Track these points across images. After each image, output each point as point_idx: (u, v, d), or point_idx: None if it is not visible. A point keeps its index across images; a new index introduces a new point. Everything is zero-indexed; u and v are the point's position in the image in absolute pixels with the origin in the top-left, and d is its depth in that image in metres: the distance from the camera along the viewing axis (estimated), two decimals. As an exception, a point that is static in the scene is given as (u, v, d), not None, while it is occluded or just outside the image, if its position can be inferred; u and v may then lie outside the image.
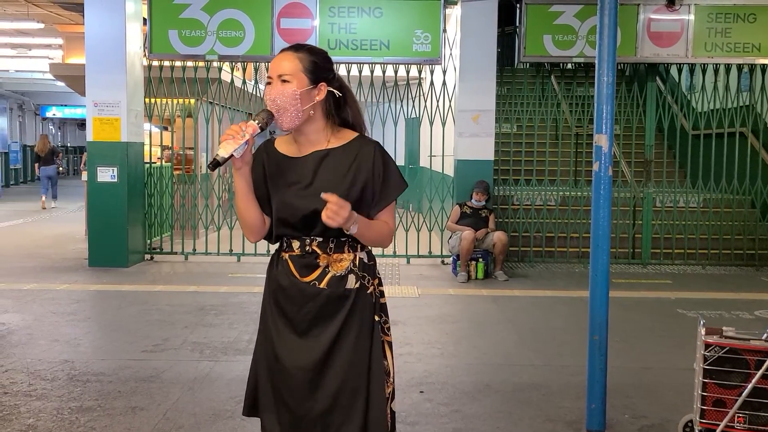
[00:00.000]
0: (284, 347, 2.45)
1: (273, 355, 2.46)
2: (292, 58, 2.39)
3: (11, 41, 18.63)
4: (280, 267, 2.47)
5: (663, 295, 7.83)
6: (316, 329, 2.43)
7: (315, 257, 2.43)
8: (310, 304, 2.43)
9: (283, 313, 2.46)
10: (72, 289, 7.64)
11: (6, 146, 25.79)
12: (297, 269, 2.43)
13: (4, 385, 4.62)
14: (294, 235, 2.43)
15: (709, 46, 9.35)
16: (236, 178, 2.39)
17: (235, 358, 5.30)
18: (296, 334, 2.44)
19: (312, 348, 2.42)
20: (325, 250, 2.42)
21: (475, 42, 9.15)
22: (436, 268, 9.34)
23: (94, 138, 8.99)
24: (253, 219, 2.45)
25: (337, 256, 2.43)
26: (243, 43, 9.13)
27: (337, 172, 2.40)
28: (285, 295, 2.45)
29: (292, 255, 2.44)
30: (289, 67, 2.38)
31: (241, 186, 2.40)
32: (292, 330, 2.45)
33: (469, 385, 4.82)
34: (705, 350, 3.56)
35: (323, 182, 2.38)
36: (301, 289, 2.43)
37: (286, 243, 2.46)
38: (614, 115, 4.02)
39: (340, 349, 2.42)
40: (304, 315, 2.43)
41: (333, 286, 2.43)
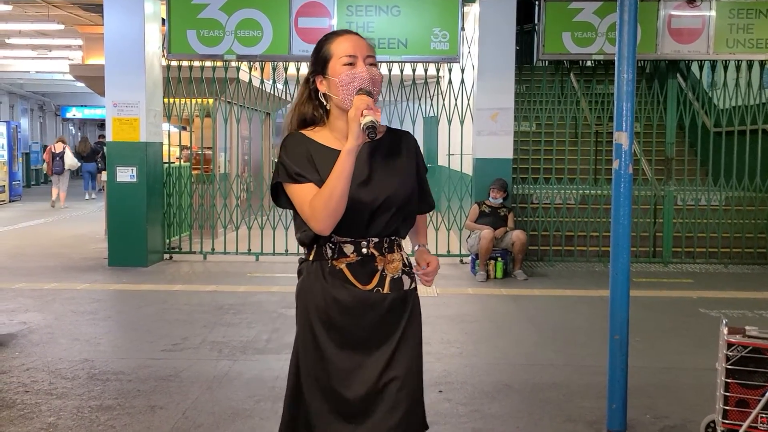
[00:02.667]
0: (343, 366, 2.25)
1: (328, 375, 2.26)
2: (368, 44, 2.29)
3: (32, 42, 18.80)
4: (332, 278, 2.25)
5: (685, 295, 7.74)
6: (375, 339, 2.27)
7: (373, 261, 2.27)
8: (371, 314, 2.26)
9: (336, 329, 2.26)
10: (92, 289, 7.69)
11: (27, 147, 26.03)
12: (357, 278, 2.25)
13: (26, 384, 4.65)
14: (347, 238, 2.24)
15: (730, 42, 9.24)
16: (351, 156, 2.11)
17: (253, 357, 5.30)
18: (352, 348, 2.26)
19: (374, 361, 2.25)
20: (381, 251, 2.28)
21: (494, 40, 9.11)
22: (455, 267, 9.31)
23: (113, 138, 9.05)
24: (345, 203, 2.15)
25: (390, 257, 2.30)
26: (261, 42, 9.14)
27: (392, 165, 2.29)
28: (341, 309, 2.25)
29: (349, 262, 2.25)
30: (372, 51, 2.29)
31: (352, 165, 2.12)
32: (348, 345, 2.26)
33: (489, 384, 4.79)
34: (728, 350, 3.51)
35: (383, 176, 2.26)
36: (363, 299, 2.25)
37: (333, 249, 2.26)
38: (634, 112, 3.97)
39: (403, 356, 2.28)
40: (364, 326, 2.26)
41: (394, 289, 2.30)
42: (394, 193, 2.24)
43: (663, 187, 9.80)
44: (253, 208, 9.77)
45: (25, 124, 27.92)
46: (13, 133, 20.00)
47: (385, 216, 2.24)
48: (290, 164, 2.22)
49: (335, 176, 2.11)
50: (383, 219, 2.24)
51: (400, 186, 2.26)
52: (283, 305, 6.91)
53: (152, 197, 9.22)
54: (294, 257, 9.33)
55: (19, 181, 20.25)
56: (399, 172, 2.28)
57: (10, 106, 27.01)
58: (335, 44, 2.27)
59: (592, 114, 10.26)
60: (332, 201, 2.12)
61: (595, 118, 10.27)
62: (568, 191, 9.80)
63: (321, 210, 2.13)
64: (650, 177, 10.09)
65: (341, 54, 2.24)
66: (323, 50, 2.29)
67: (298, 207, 2.23)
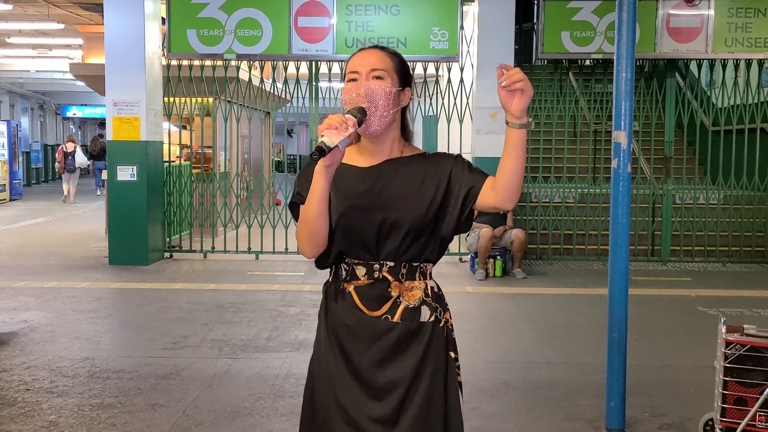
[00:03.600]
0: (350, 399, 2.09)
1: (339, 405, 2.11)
2: (382, 55, 2.16)
3: (32, 42, 18.82)
4: (341, 301, 2.13)
5: (683, 293, 7.77)
6: (386, 372, 2.10)
7: (386, 286, 2.11)
8: (379, 343, 2.10)
9: (345, 355, 2.11)
10: (93, 287, 7.71)
11: (27, 146, 26.04)
12: (364, 302, 2.11)
13: (26, 382, 4.67)
14: (359, 259, 2.11)
15: (729, 42, 9.26)
16: (320, 178, 2.00)
17: (254, 355, 5.32)
18: (360, 381, 2.09)
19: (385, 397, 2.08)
20: (397, 276, 2.10)
21: (493, 39, 9.12)
22: (454, 265, 9.33)
23: (113, 137, 9.07)
24: (323, 228, 2.05)
25: (409, 284, 2.12)
26: (261, 41, 9.16)
27: (415, 179, 2.13)
28: (349, 334, 2.11)
29: (358, 286, 2.11)
30: (381, 62, 2.13)
31: (323, 187, 2.00)
32: (357, 377, 2.10)
33: (488, 382, 4.81)
34: (726, 348, 3.53)
35: (398, 188, 2.11)
36: (370, 324, 2.10)
37: (347, 270, 2.13)
38: (633, 111, 3.99)
39: (417, 394, 2.08)
40: (372, 356, 2.10)
41: (407, 319, 2.10)
42: (404, 215, 2.08)
43: (662, 186, 9.82)
44: (253, 207, 9.79)
45: (26, 123, 27.91)
46: (14, 132, 20.03)
47: (396, 238, 2.09)
48: (298, 183, 2.17)
49: (308, 198, 2.04)
50: (394, 241, 2.09)
51: (411, 208, 2.09)
52: (283, 304, 6.93)
53: (152, 196, 9.23)
54: (294, 256, 9.36)
55: (19, 180, 20.28)
56: (413, 194, 2.11)
57: (11, 105, 27.01)
58: (349, 62, 2.18)
59: (591, 113, 10.28)
60: (306, 224, 2.05)
61: (594, 117, 10.28)
62: (567, 190, 9.83)
63: (300, 232, 2.08)
64: (649, 176, 10.11)
65: (348, 70, 2.16)
66: (345, 67, 2.21)
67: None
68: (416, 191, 2.11)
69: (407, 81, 2.19)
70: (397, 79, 2.14)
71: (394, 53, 2.20)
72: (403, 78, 2.17)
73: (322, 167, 1.98)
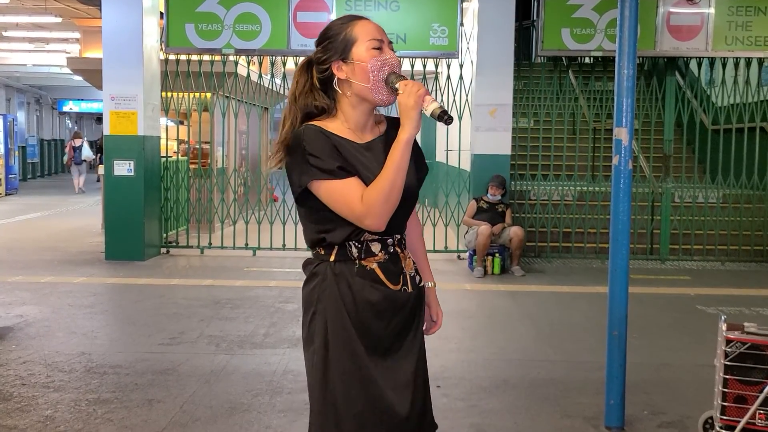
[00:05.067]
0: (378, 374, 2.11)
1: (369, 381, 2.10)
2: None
3: (29, 35, 18.74)
4: (361, 279, 2.11)
5: (682, 291, 7.75)
6: (402, 340, 2.17)
7: (398, 259, 2.17)
8: (399, 315, 2.16)
9: (368, 334, 2.11)
10: (89, 282, 7.67)
11: (23, 140, 25.96)
12: (388, 277, 2.13)
13: (22, 377, 4.64)
14: (375, 236, 2.11)
15: (729, 40, 9.25)
16: (409, 146, 2.02)
17: (251, 351, 5.29)
18: (380, 355, 2.12)
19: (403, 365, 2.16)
20: (402, 248, 2.19)
21: (493, 36, 9.09)
22: (452, 263, 9.31)
23: (111, 132, 9.02)
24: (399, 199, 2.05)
25: (406, 253, 2.21)
26: (259, 36, 9.12)
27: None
28: (373, 311, 2.11)
29: (379, 261, 2.13)
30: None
31: (409, 156, 2.03)
32: (377, 351, 2.12)
33: (486, 380, 4.79)
34: (726, 346, 3.51)
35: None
36: (394, 299, 2.14)
37: (360, 248, 2.11)
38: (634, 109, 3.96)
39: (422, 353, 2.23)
40: (393, 328, 2.15)
41: (415, 287, 2.21)
42: (410, 185, 2.12)
43: (661, 184, 9.80)
44: (250, 203, 9.75)
45: (22, 118, 27.83)
46: (10, 126, 19.96)
47: (405, 211, 2.15)
48: (325, 159, 2.03)
49: (394, 169, 1.99)
50: (403, 214, 2.16)
51: (410, 181, 2.13)
52: (280, 300, 6.90)
53: (150, 191, 9.19)
54: (291, 252, 9.33)
55: (15, 174, 20.22)
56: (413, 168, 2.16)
57: (7, 99, 26.94)
58: (358, 27, 2.11)
59: (590, 111, 10.26)
60: (393, 195, 2.00)
61: (593, 115, 10.26)
62: (565, 188, 9.81)
63: (380, 205, 1.99)
64: (648, 174, 10.10)
65: (367, 37, 2.09)
66: (345, 33, 2.11)
67: (344, 203, 2.03)
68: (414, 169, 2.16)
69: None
70: None
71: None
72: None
73: (413, 136, 2.01)
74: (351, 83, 2.12)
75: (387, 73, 2.08)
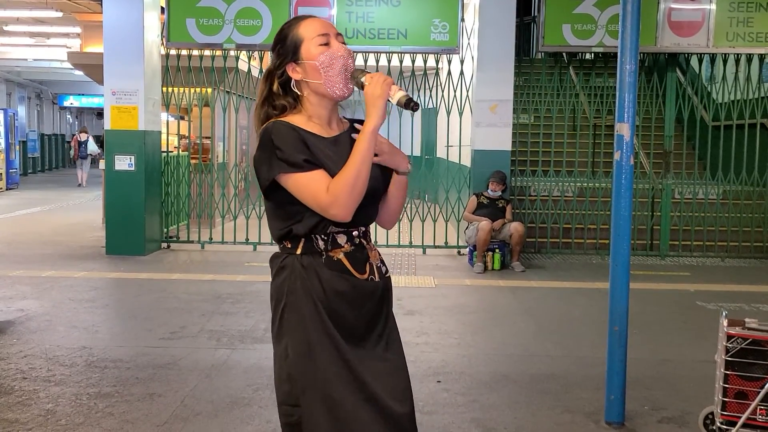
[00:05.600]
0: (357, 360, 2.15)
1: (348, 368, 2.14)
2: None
3: (29, 30, 18.72)
4: (329, 270, 2.15)
5: (682, 287, 7.76)
6: (372, 330, 2.22)
7: (363, 249, 2.22)
8: (368, 303, 2.21)
9: (342, 323, 2.15)
10: (90, 277, 7.68)
11: (24, 135, 25.96)
12: (355, 267, 2.19)
13: (23, 371, 4.65)
14: (339, 227, 2.16)
15: (730, 36, 9.23)
16: (374, 136, 2.08)
17: (252, 346, 5.30)
18: (356, 343, 2.17)
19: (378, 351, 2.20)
20: (367, 239, 2.25)
21: (494, 31, 9.09)
22: (453, 258, 9.31)
23: (111, 126, 9.02)
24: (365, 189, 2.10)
25: (371, 245, 2.28)
26: (260, 31, 9.12)
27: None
28: (342, 300, 2.16)
29: (346, 252, 2.18)
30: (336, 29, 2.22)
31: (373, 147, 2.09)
32: (352, 339, 2.16)
33: (487, 375, 4.80)
34: (727, 342, 3.51)
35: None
36: (362, 287, 2.19)
37: (324, 240, 2.16)
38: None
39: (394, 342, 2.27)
40: (363, 317, 2.19)
41: (381, 276, 2.27)
42: (374, 183, 2.17)
43: (661, 181, 9.80)
44: (251, 198, 9.75)
45: (23, 112, 27.82)
46: (11, 121, 19.98)
47: (372, 204, 2.22)
48: (292, 153, 2.07)
49: (360, 160, 2.05)
50: (370, 207, 2.22)
51: (376, 177, 2.19)
52: (281, 295, 6.90)
53: (150, 186, 9.20)
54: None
55: (16, 169, 20.23)
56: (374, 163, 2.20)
57: (8, 94, 26.91)
58: (303, 27, 2.18)
59: (591, 107, 10.25)
60: (358, 185, 2.05)
61: (593, 111, 10.26)
62: (566, 184, 9.81)
63: (346, 195, 2.04)
64: (648, 170, 10.10)
65: (313, 35, 2.16)
66: (291, 36, 2.19)
67: (310, 195, 2.07)
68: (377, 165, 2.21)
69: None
70: None
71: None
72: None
73: (378, 125, 2.08)
74: (307, 82, 2.19)
75: (340, 66, 2.14)
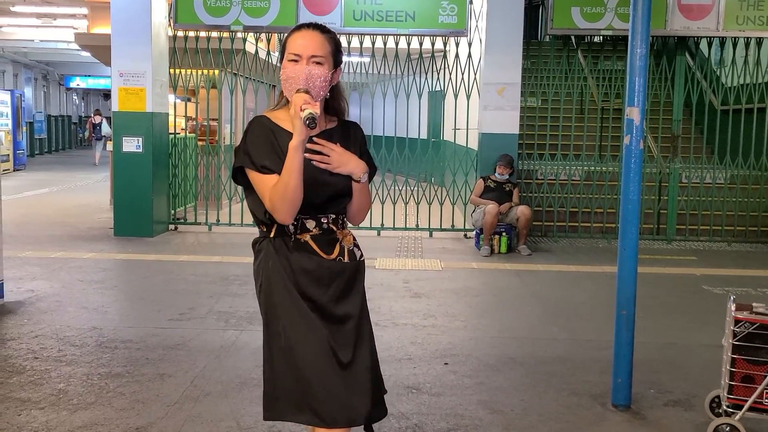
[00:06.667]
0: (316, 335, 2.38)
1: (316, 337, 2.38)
2: (322, 40, 2.39)
3: (36, 11, 18.66)
4: (297, 250, 2.39)
5: (688, 272, 7.77)
6: (342, 306, 2.44)
7: (333, 233, 2.45)
8: (337, 281, 2.44)
9: (307, 297, 2.39)
10: (98, 258, 7.73)
11: (31, 116, 25.98)
12: (321, 248, 2.42)
13: (35, 351, 4.69)
14: (308, 215, 2.39)
15: (740, 20, 9.18)
16: (297, 152, 2.27)
17: (260, 327, 5.30)
18: (322, 317, 2.40)
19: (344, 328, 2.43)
20: (338, 225, 2.47)
21: (502, 14, 9.04)
22: (459, 241, 9.33)
23: (119, 108, 9.03)
24: (301, 195, 2.30)
25: (344, 231, 2.50)
26: (268, 13, 9.10)
27: (346, 147, 2.45)
28: (311, 279, 2.40)
29: (313, 235, 2.41)
30: (322, 49, 2.38)
31: (300, 160, 2.27)
32: (319, 314, 2.39)
33: (493, 357, 4.83)
34: (735, 326, 3.53)
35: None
36: (329, 267, 2.42)
37: (296, 225, 2.39)
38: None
39: (364, 321, 2.51)
40: (331, 295, 2.42)
41: (352, 258, 2.50)
42: (344, 177, 2.40)
43: (668, 165, 9.78)
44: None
45: (29, 94, 27.82)
46: (18, 102, 19.97)
47: (339, 197, 2.42)
48: (256, 153, 2.35)
49: (287, 173, 2.27)
50: (341, 199, 2.43)
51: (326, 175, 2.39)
52: (288, 277, 6.93)
53: (158, 168, 9.22)
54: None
55: (23, 150, 20.26)
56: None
57: (14, 75, 26.90)
58: (290, 39, 2.41)
59: (599, 90, 10.21)
60: (287, 194, 2.28)
61: (601, 95, 10.22)
62: (573, 167, 9.80)
63: (278, 203, 2.29)
64: (656, 154, 10.07)
65: (290, 50, 2.38)
66: (284, 42, 2.44)
67: (261, 195, 2.36)
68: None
69: (339, 62, 2.46)
70: (332, 62, 2.41)
71: (332, 37, 2.43)
72: (337, 60, 2.44)
73: (299, 142, 2.26)
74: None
75: (293, 84, 2.35)
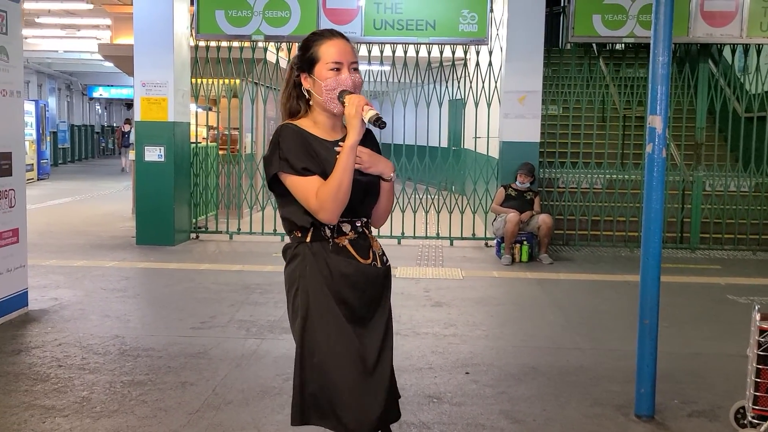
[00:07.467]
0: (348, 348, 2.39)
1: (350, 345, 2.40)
2: (351, 47, 2.46)
3: (60, 22, 18.90)
4: (336, 255, 2.40)
5: (712, 281, 7.69)
6: (372, 311, 2.48)
7: (366, 237, 2.49)
8: (372, 287, 2.47)
9: (345, 303, 2.41)
10: (121, 267, 7.78)
11: (55, 126, 26.27)
12: (359, 253, 2.44)
13: (58, 359, 4.73)
14: (344, 218, 2.40)
15: (764, 26, 9.09)
16: (353, 151, 2.31)
17: (281, 336, 5.34)
18: (355, 322, 2.41)
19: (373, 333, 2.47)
20: (369, 229, 2.52)
21: (523, 22, 9.02)
22: (480, 250, 9.30)
23: (141, 118, 9.11)
24: (349, 196, 2.33)
25: (373, 237, 2.54)
26: (289, 23, 9.15)
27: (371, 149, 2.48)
28: (348, 283, 2.41)
29: (351, 239, 2.44)
30: (355, 56, 2.46)
31: (354, 159, 2.33)
32: (353, 319, 2.41)
33: (515, 367, 4.80)
34: (760, 336, 3.48)
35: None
36: (366, 272, 2.45)
37: (332, 229, 2.40)
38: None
39: (389, 326, 2.55)
40: (367, 299, 2.45)
41: (384, 264, 2.54)
42: (374, 179, 2.46)
43: (692, 173, 9.70)
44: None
45: (53, 104, 28.15)
46: (42, 112, 20.21)
47: (372, 199, 2.48)
48: (294, 158, 2.35)
49: (341, 171, 2.30)
50: (371, 200, 2.48)
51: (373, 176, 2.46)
52: (309, 285, 6.94)
53: (179, 177, 9.28)
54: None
55: (47, 159, 20.50)
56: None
57: (39, 86, 27.23)
58: (323, 48, 2.41)
59: (621, 98, 10.15)
60: (340, 193, 2.30)
61: (623, 103, 10.16)
62: (594, 175, 9.74)
63: (330, 202, 2.30)
64: (679, 162, 9.99)
65: (328, 60, 2.40)
66: (311, 51, 2.43)
67: (303, 198, 2.36)
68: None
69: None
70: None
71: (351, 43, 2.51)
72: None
73: (356, 141, 2.31)
74: (313, 94, 2.46)
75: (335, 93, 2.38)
